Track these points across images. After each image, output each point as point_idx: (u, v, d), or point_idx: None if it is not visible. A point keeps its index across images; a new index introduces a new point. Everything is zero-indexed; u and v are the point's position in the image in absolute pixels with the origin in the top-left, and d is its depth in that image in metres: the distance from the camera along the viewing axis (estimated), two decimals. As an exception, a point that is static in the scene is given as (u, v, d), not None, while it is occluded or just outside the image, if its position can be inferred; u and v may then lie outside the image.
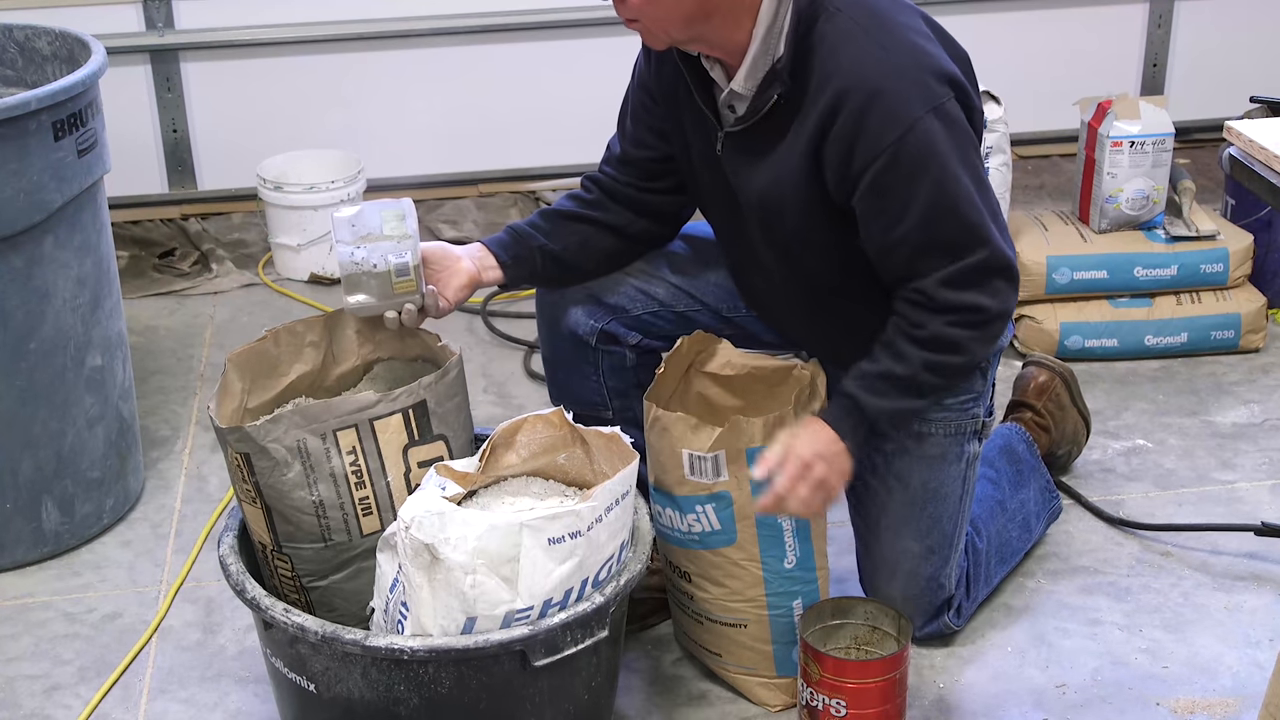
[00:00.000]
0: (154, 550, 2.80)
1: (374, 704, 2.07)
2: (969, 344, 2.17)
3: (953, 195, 2.09)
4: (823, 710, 2.22)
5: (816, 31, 2.08)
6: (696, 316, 2.45)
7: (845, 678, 2.20)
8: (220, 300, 3.75)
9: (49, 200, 2.57)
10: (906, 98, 2.05)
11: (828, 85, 2.07)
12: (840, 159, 2.10)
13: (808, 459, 2.15)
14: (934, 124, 2.06)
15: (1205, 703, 2.38)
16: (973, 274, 2.13)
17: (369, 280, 2.21)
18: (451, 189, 4.23)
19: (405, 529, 1.99)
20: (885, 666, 2.21)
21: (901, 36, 2.10)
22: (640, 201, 2.40)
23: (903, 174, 2.07)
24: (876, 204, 2.11)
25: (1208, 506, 2.88)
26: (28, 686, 2.46)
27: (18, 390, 2.64)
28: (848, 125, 2.07)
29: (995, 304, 2.15)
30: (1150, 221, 3.43)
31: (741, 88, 2.14)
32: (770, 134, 2.15)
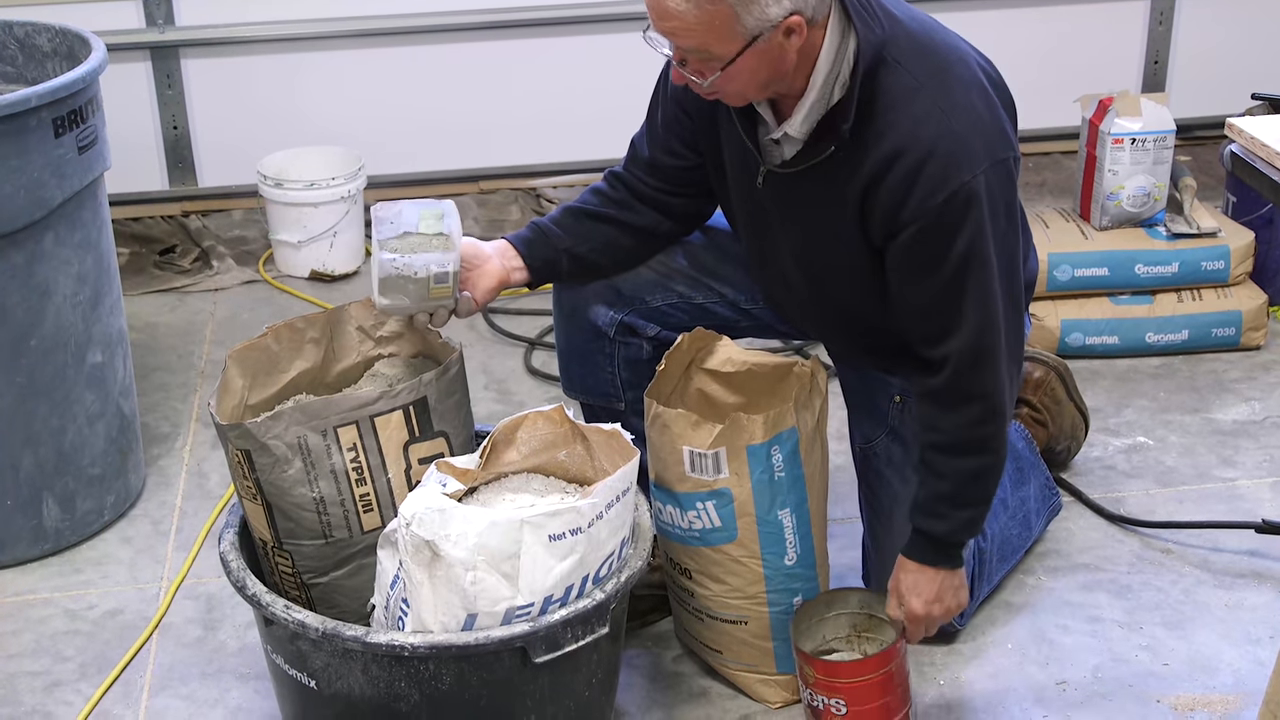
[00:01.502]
0: (155, 547, 2.80)
1: (375, 700, 2.07)
2: (990, 441, 2.19)
3: (979, 266, 2.09)
4: (824, 710, 2.23)
5: (878, 83, 2.07)
6: (714, 308, 2.45)
7: (839, 678, 2.20)
8: (221, 297, 3.75)
9: (49, 197, 2.56)
10: (958, 163, 2.05)
11: (884, 141, 2.07)
12: (886, 212, 2.10)
13: (922, 612, 2.26)
14: (977, 193, 2.06)
15: (1206, 700, 2.38)
16: (984, 356, 2.14)
17: (407, 284, 2.18)
18: (452, 185, 4.22)
19: (406, 525, 1.99)
20: (878, 663, 2.21)
21: (961, 96, 2.08)
22: (667, 205, 2.39)
23: (941, 237, 2.08)
24: (908, 259, 2.12)
25: (1208, 504, 2.88)
26: (28, 683, 2.46)
27: (18, 387, 2.64)
28: (899, 183, 2.07)
29: (997, 388, 2.16)
30: (1151, 219, 3.43)
31: (796, 132, 2.13)
32: (818, 180, 2.15)
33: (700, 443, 2.23)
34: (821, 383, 2.32)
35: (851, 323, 2.32)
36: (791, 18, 1.98)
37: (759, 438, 2.23)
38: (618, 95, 4.18)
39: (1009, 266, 2.14)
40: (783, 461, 2.26)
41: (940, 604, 2.25)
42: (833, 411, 2.43)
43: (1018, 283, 2.18)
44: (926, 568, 2.24)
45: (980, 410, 2.16)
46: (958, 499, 2.22)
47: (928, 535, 2.24)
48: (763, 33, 1.98)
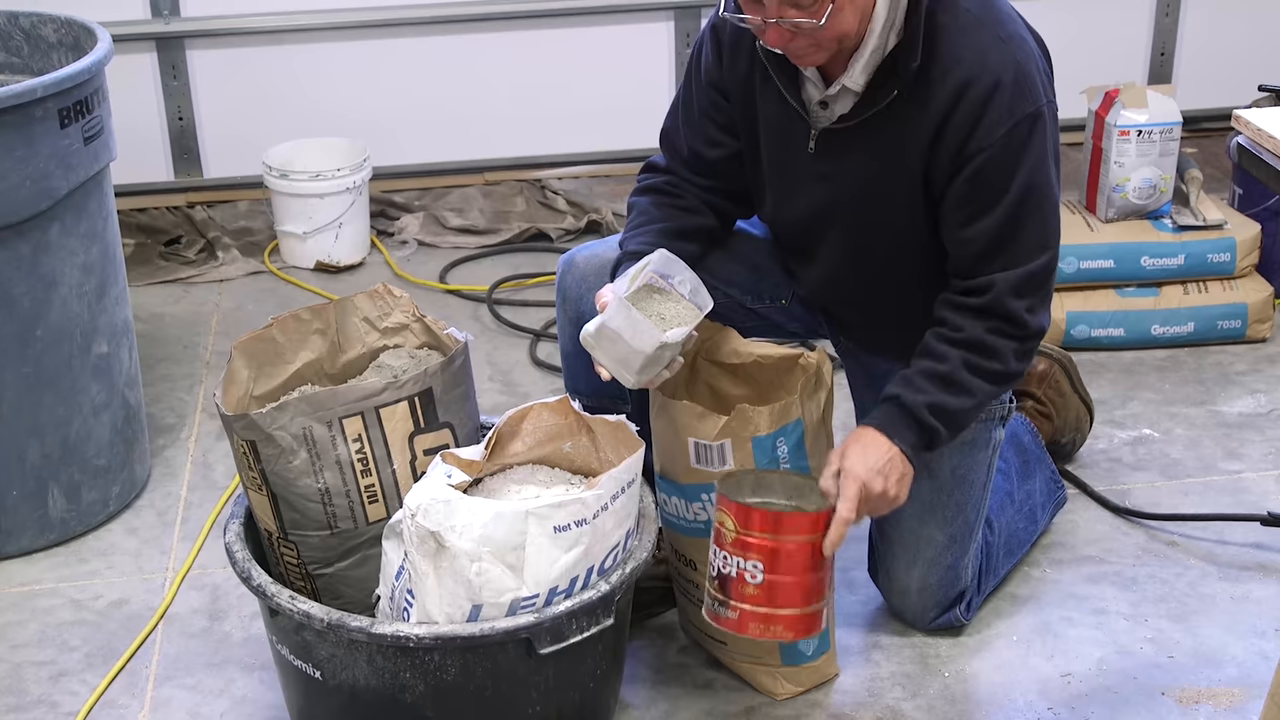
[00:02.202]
0: (160, 537, 2.81)
1: (379, 691, 2.08)
2: (1005, 353, 2.19)
3: (1039, 197, 2.14)
4: (735, 577, 2.07)
5: (936, 20, 2.10)
6: (720, 309, 2.45)
7: (759, 532, 2.05)
8: (226, 288, 3.75)
9: (55, 187, 2.57)
10: (1023, 92, 2.10)
11: (949, 76, 2.10)
12: (955, 146, 2.13)
13: (863, 477, 2.12)
14: (1042, 121, 2.12)
15: (1210, 692, 2.38)
16: (1030, 281, 2.16)
17: (664, 352, 2.13)
18: (457, 177, 4.23)
19: (411, 516, 1.99)
20: (808, 523, 2.08)
21: (1016, 29, 2.14)
22: (716, 205, 2.38)
23: (1006, 166, 2.12)
24: (971, 192, 2.15)
25: (1214, 496, 2.88)
26: (34, 673, 2.46)
27: (24, 377, 2.64)
28: (968, 114, 2.10)
29: (1034, 321, 2.19)
30: (1157, 211, 3.42)
31: (855, 84, 2.14)
32: (878, 129, 2.16)
33: (706, 434, 2.23)
34: (827, 374, 2.32)
35: (885, 290, 2.32)
36: None
37: (764, 429, 2.23)
38: (623, 87, 4.19)
39: (1056, 206, 2.19)
40: (788, 453, 2.25)
41: (882, 477, 2.12)
42: (838, 403, 2.43)
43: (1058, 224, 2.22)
44: (881, 437, 2.16)
45: (1008, 329, 2.18)
46: (947, 380, 2.18)
47: (899, 402, 2.18)
48: None
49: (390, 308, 2.36)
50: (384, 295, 2.36)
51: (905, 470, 2.18)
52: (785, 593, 2.08)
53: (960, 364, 2.18)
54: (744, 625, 2.10)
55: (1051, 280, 2.22)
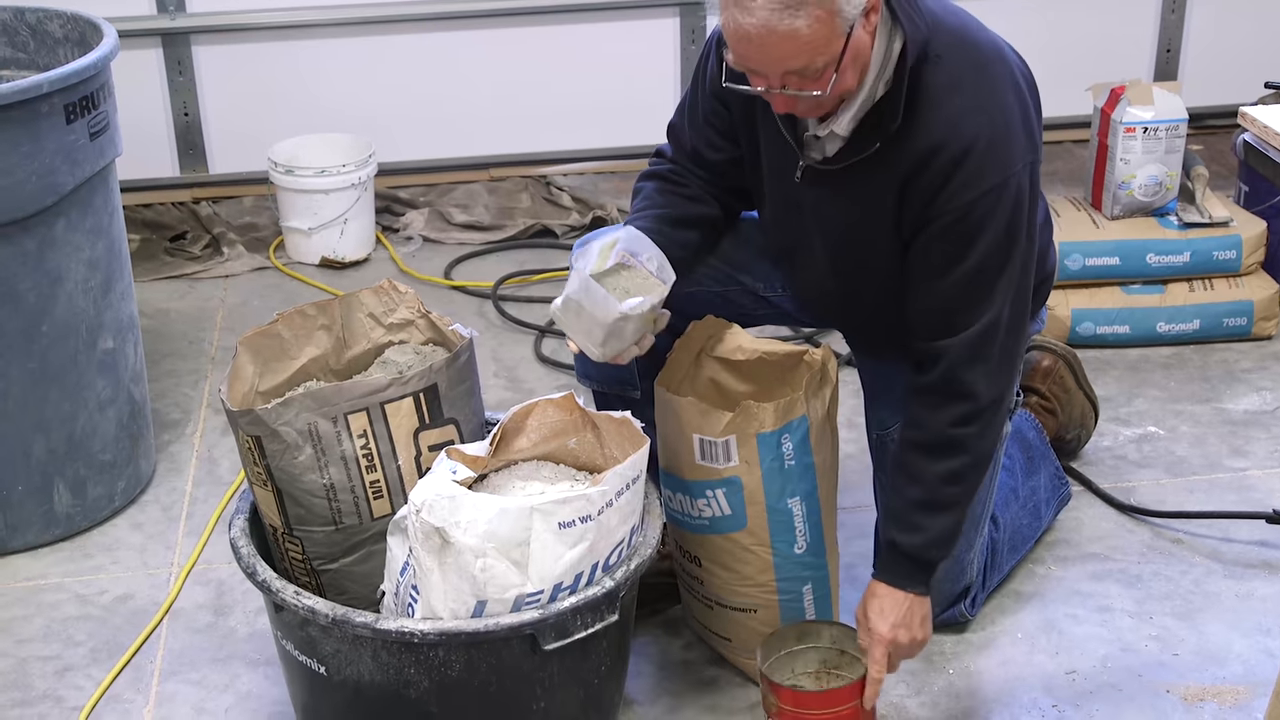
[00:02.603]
0: (165, 533, 2.81)
1: (384, 686, 2.08)
2: (968, 442, 2.18)
3: (998, 265, 2.11)
4: None
5: (922, 80, 2.08)
6: (734, 296, 2.45)
7: (806, 709, 2.16)
8: (231, 284, 3.75)
9: (61, 183, 2.57)
10: (995, 161, 2.08)
11: (925, 135, 2.09)
12: (920, 205, 2.12)
13: (888, 636, 2.19)
14: (1010, 190, 2.09)
15: (1215, 690, 2.38)
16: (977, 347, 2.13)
17: (627, 326, 2.15)
18: (462, 173, 4.22)
19: (416, 512, 1.99)
20: (847, 695, 2.18)
21: (1000, 95, 2.11)
22: (717, 198, 2.38)
23: (966, 234, 2.10)
24: (931, 251, 2.14)
25: (1219, 494, 2.87)
26: (40, 668, 2.46)
27: (30, 372, 2.64)
28: (936, 176, 2.09)
29: (987, 391, 2.16)
30: (1163, 208, 3.42)
31: (842, 130, 2.14)
32: (857, 176, 2.16)
33: (711, 430, 2.23)
34: (832, 371, 2.32)
35: (876, 318, 2.33)
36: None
37: (769, 426, 2.23)
38: (629, 83, 4.19)
39: (1023, 272, 2.15)
40: (793, 450, 2.25)
41: (906, 630, 2.20)
42: (843, 400, 2.43)
43: (1027, 289, 2.19)
44: (895, 590, 2.21)
45: (966, 410, 2.16)
46: (932, 504, 2.19)
47: (900, 550, 2.21)
48: (854, 18, 1.99)
49: (395, 304, 2.36)
50: (389, 291, 2.36)
51: (924, 610, 2.23)
52: None
53: (936, 480, 2.19)
54: None
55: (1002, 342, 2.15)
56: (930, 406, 2.18)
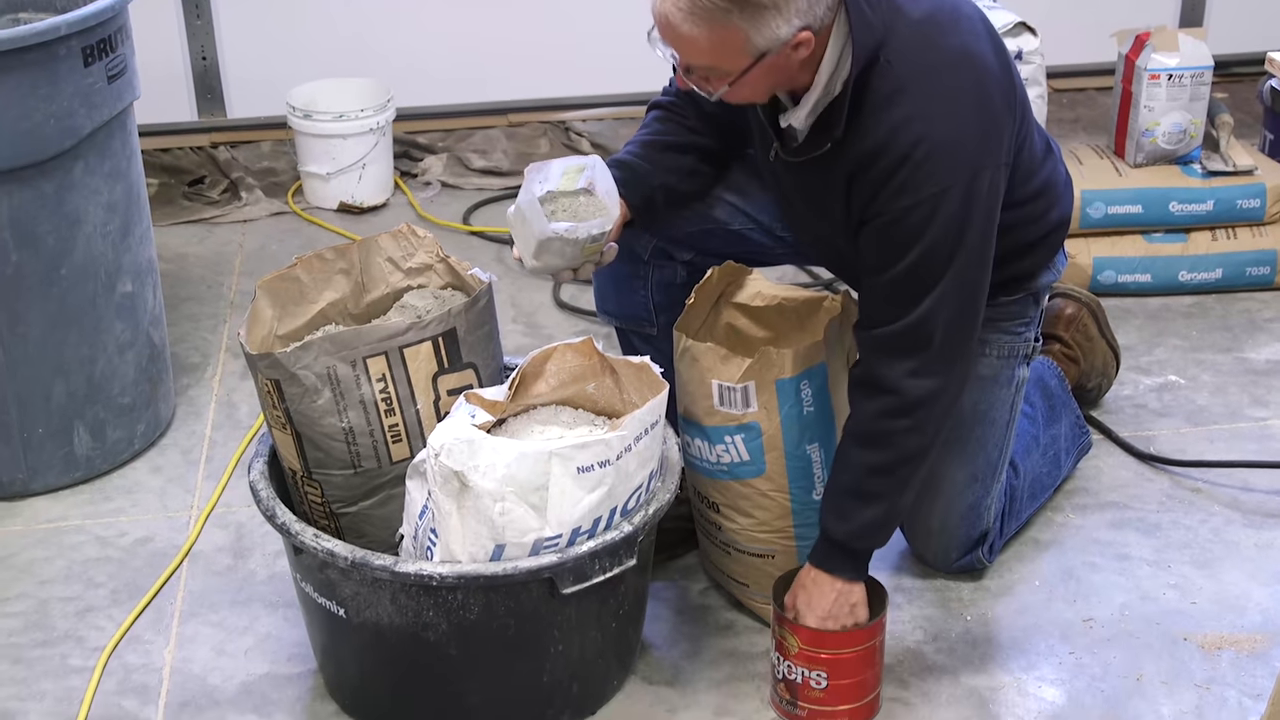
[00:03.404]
0: (185, 476, 2.82)
1: (403, 629, 2.09)
2: (893, 436, 2.15)
3: (927, 271, 2.08)
4: (801, 683, 2.18)
5: (868, 83, 2.06)
6: (750, 234, 2.44)
7: (825, 649, 2.16)
8: (250, 228, 3.75)
9: (79, 126, 2.56)
10: (930, 174, 2.04)
11: (865, 140, 2.07)
12: (861, 203, 2.11)
13: (817, 628, 2.16)
14: (949, 198, 2.05)
15: (1233, 638, 2.38)
16: (896, 342, 2.11)
17: (564, 247, 2.17)
18: (481, 118, 4.21)
19: (435, 456, 1.99)
20: (868, 635, 2.18)
21: (951, 103, 2.06)
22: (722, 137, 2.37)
23: (900, 238, 2.08)
24: (868, 249, 2.13)
25: (1239, 443, 2.87)
26: (61, 608, 2.48)
27: (49, 316, 2.65)
28: (875, 179, 2.07)
29: (913, 388, 2.12)
30: (1187, 156, 3.40)
31: (800, 124, 2.13)
32: (816, 170, 2.15)
33: (729, 377, 2.23)
34: (853, 315, 2.31)
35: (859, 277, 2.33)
36: (801, 34, 1.98)
37: (788, 372, 2.22)
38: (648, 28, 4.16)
39: (961, 279, 2.10)
40: (812, 396, 2.25)
41: (835, 620, 2.17)
42: (862, 347, 2.43)
43: (972, 293, 2.13)
44: (823, 575, 2.18)
45: (889, 403, 2.13)
46: (859, 493, 2.17)
47: (829, 537, 2.19)
48: (771, 49, 1.97)
49: (414, 248, 2.35)
50: (408, 235, 2.35)
51: (855, 597, 2.19)
52: (848, 692, 2.19)
53: (861, 470, 2.17)
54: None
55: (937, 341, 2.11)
56: (860, 396, 2.18)
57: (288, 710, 2.26)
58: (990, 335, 2.33)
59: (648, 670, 2.33)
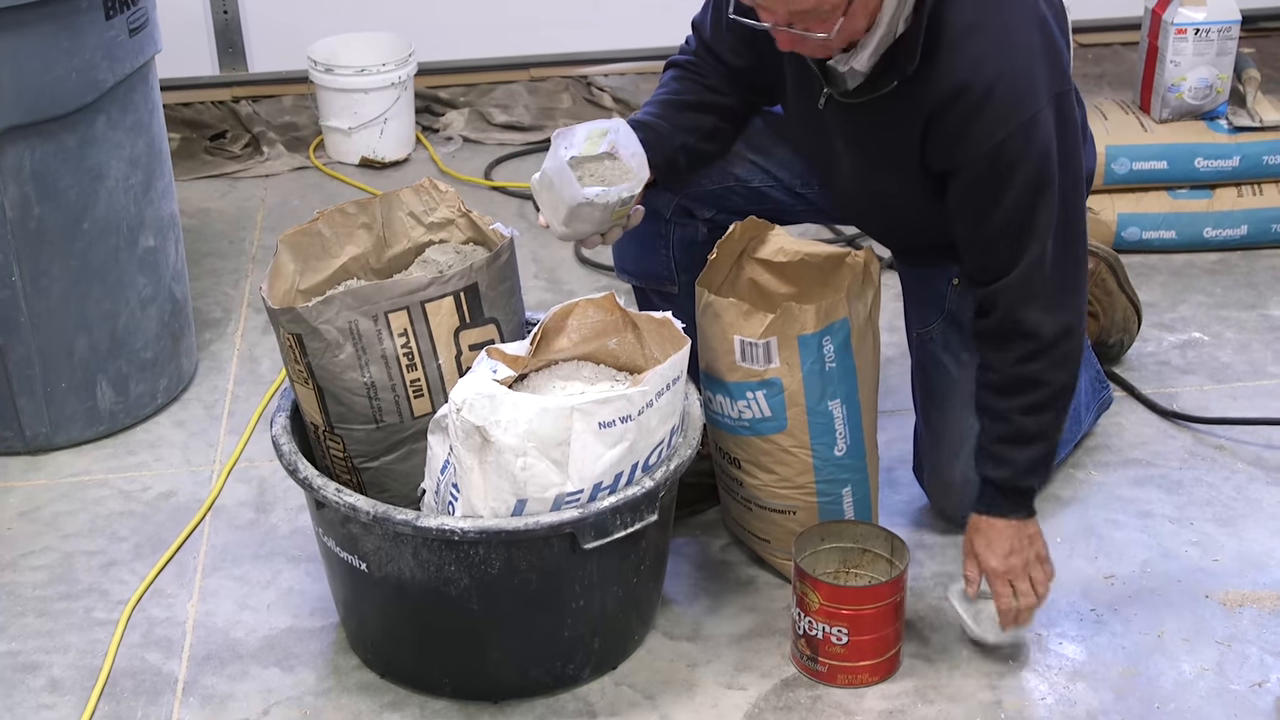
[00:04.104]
0: (207, 430, 2.83)
1: (425, 584, 2.09)
2: (1044, 375, 2.17)
3: (1035, 200, 2.09)
4: (822, 639, 2.18)
5: (941, 18, 2.04)
6: (771, 192, 2.43)
7: (845, 605, 2.16)
8: (271, 183, 3.75)
9: (101, 80, 2.56)
10: (1019, 102, 2.04)
11: (945, 78, 2.05)
12: (946, 149, 2.10)
13: (1000, 567, 2.20)
14: (1037, 124, 2.05)
15: (1255, 596, 2.38)
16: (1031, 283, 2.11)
17: (593, 212, 2.16)
18: (502, 73, 4.20)
19: (456, 411, 1.99)
20: (888, 590, 2.18)
21: (1021, 33, 2.06)
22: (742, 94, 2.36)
23: (999, 176, 2.08)
24: (965, 197, 2.12)
25: (1263, 400, 2.85)
26: (85, 562, 2.49)
27: (72, 270, 2.65)
28: (961, 118, 2.06)
29: (1050, 327, 2.13)
30: (1213, 111, 3.37)
31: (862, 66, 2.11)
32: (879, 112, 2.13)
33: (751, 332, 2.22)
34: (874, 273, 2.30)
35: (909, 234, 2.33)
36: None
37: (810, 328, 2.22)
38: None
39: (1065, 204, 2.12)
40: (834, 352, 2.25)
41: (1017, 555, 2.20)
42: (884, 303, 2.42)
43: (1076, 220, 2.15)
44: (996, 520, 2.22)
45: (1030, 348, 2.15)
46: (1018, 438, 2.20)
47: (993, 483, 2.22)
48: None
49: (436, 203, 2.35)
50: (430, 190, 2.35)
51: (1030, 530, 2.23)
52: (869, 648, 2.20)
53: (1017, 412, 2.18)
54: (833, 678, 2.22)
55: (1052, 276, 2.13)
56: (996, 348, 2.18)
57: (310, 664, 2.28)
58: None
59: (668, 625, 2.34)
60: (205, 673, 2.26)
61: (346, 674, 2.25)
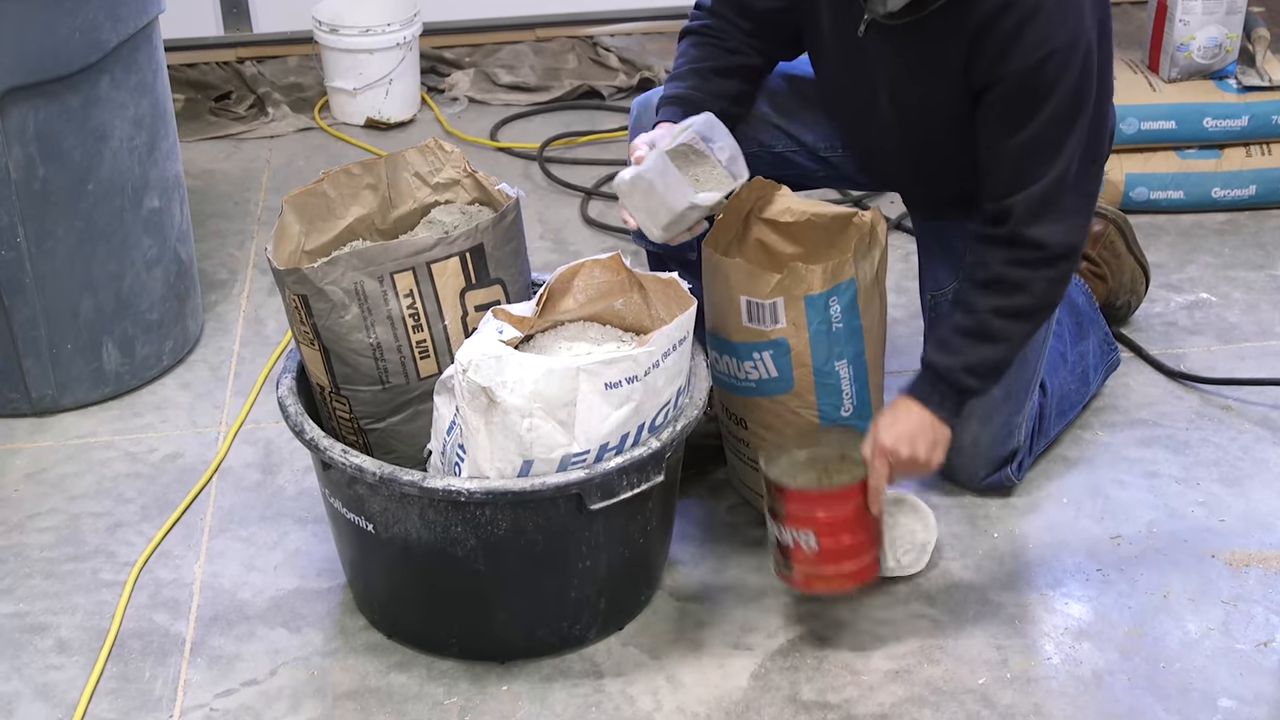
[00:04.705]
0: (213, 392, 2.83)
1: (431, 544, 2.10)
2: (1031, 284, 2.15)
3: (1068, 123, 2.09)
4: (794, 547, 2.15)
5: None
6: (793, 157, 2.42)
7: (811, 509, 2.13)
8: (276, 144, 3.74)
9: (104, 39, 2.55)
10: (1064, 17, 2.05)
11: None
12: (990, 63, 2.10)
13: (889, 446, 2.15)
14: (1079, 47, 2.06)
15: (1261, 556, 2.38)
16: (1046, 201, 2.11)
17: (693, 214, 2.12)
18: (508, 33, 4.18)
19: (463, 372, 1.99)
20: (851, 494, 2.14)
21: None
22: (761, 49, 2.34)
23: (1037, 91, 2.08)
24: (1001, 110, 2.12)
25: (1270, 361, 2.85)
26: (91, 523, 2.50)
27: (77, 231, 2.65)
28: (1005, 33, 2.06)
29: (1058, 240, 2.13)
30: (1222, 71, 3.35)
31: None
32: (922, 30, 2.12)
33: (758, 293, 2.22)
34: (881, 234, 2.30)
35: (941, 173, 2.30)
36: None
37: (817, 288, 2.21)
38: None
39: (1091, 128, 2.13)
40: (841, 312, 2.24)
41: (909, 445, 2.15)
42: (891, 264, 2.41)
43: (1099, 143, 2.17)
44: (914, 404, 2.18)
45: (1029, 255, 2.14)
46: (980, 334, 2.17)
47: (934, 369, 2.19)
48: None
49: (441, 163, 2.34)
50: (435, 150, 2.34)
51: (938, 435, 2.19)
52: (841, 553, 2.17)
53: (989, 311, 2.16)
54: (809, 584, 2.20)
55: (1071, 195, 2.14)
56: (995, 250, 2.17)
57: (317, 624, 2.28)
58: None
59: (675, 586, 2.34)
60: (212, 634, 2.27)
61: (353, 635, 2.26)
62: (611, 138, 3.73)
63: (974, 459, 2.45)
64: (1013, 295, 2.16)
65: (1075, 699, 2.14)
